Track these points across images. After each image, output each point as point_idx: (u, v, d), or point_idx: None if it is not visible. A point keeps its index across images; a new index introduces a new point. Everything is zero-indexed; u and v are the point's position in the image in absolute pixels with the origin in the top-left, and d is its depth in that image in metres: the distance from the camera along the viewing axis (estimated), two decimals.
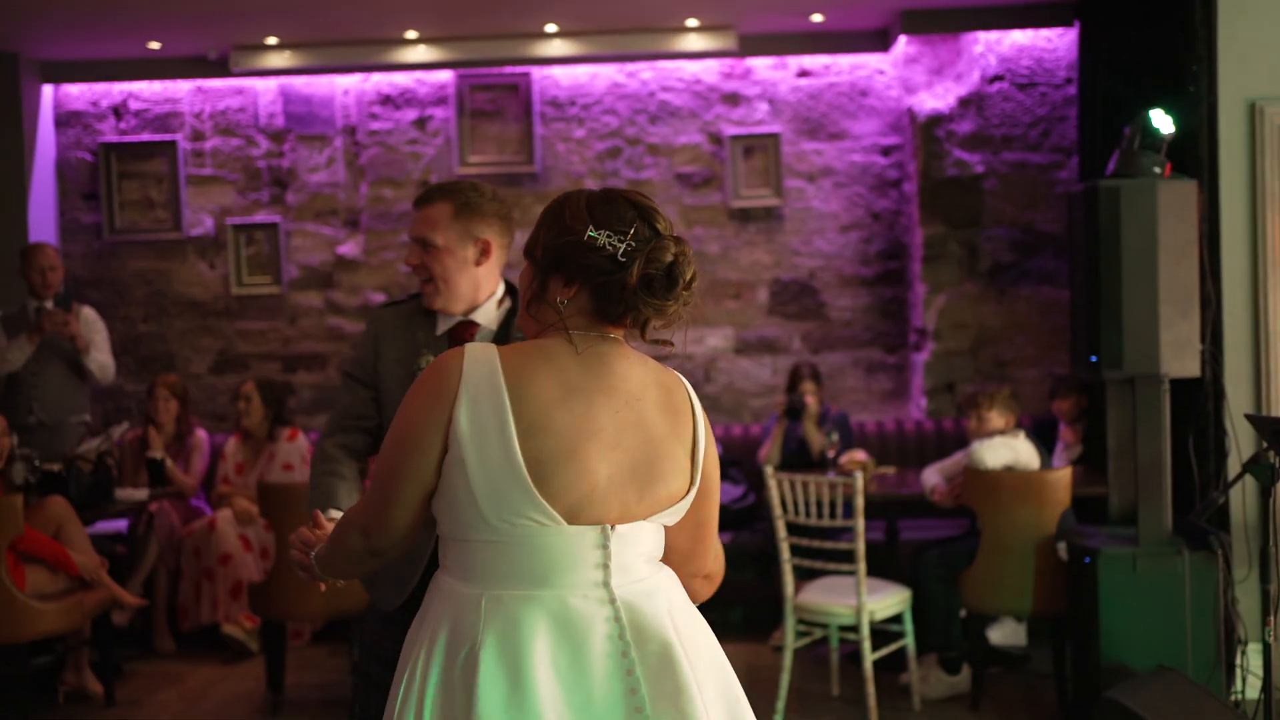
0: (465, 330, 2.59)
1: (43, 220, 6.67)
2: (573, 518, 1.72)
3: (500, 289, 2.63)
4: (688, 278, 1.77)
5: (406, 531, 1.79)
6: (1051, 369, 6.29)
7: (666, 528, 1.86)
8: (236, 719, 4.77)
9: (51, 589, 4.76)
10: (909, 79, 6.47)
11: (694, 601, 1.95)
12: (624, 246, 1.74)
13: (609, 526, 1.74)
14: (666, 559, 1.88)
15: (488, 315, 2.61)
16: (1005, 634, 5.41)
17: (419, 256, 2.56)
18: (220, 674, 5.33)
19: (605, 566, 1.73)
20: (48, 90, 6.77)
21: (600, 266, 1.75)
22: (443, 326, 2.60)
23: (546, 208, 1.86)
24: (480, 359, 1.74)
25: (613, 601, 1.73)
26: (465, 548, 1.75)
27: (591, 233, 1.75)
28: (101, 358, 5.73)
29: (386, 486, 1.77)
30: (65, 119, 6.84)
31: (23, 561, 4.70)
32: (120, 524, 5.77)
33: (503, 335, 2.59)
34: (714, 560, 2.01)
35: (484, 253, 2.57)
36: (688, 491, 1.82)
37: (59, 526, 4.89)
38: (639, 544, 1.78)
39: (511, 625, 1.69)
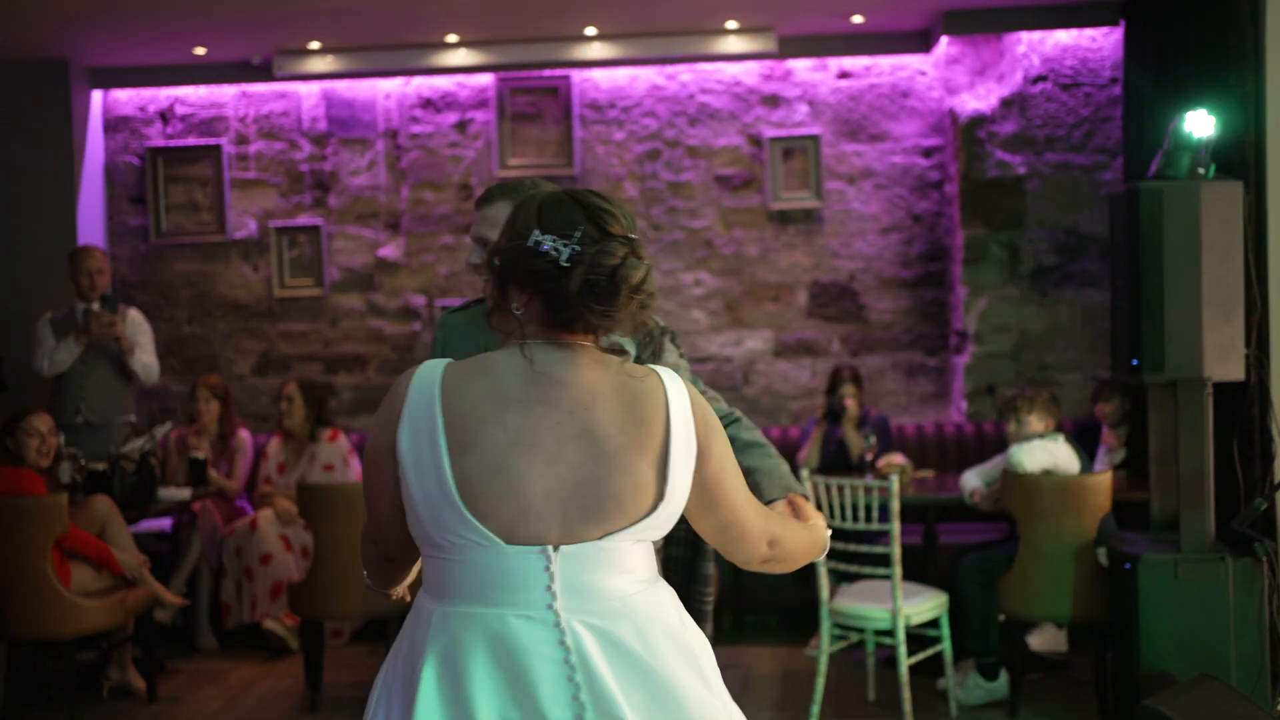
0: None
1: (91, 223, 6.78)
2: (509, 537, 1.66)
3: None
4: (634, 281, 1.69)
5: (405, 538, 1.78)
6: (1095, 373, 6.21)
7: (709, 539, 1.82)
8: (275, 716, 4.82)
9: (96, 586, 4.83)
10: (951, 80, 6.41)
11: (774, 571, 1.93)
12: (568, 251, 1.67)
13: (551, 547, 1.66)
14: (728, 556, 1.86)
15: None
16: (1046, 640, 5.35)
17: (482, 257, 2.51)
18: (260, 672, 5.38)
19: (550, 589, 1.66)
20: (97, 96, 6.88)
21: (545, 272, 1.68)
22: None
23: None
24: (425, 377, 1.70)
25: (557, 625, 1.65)
26: (426, 562, 1.74)
27: (537, 237, 1.69)
28: (146, 359, 5.81)
29: (368, 503, 1.79)
30: (114, 124, 6.95)
31: (68, 559, 4.78)
32: (164, 523, 5.85)
33: None
34: (769, 546, 1.88)
35: None
36: (654, 507, 1.71)
37: (103, 525, 4.97)
38: (602, 565, 1.68)
39: (453, 642, 1.65)
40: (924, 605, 4.50)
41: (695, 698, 1.69)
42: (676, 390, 1.76)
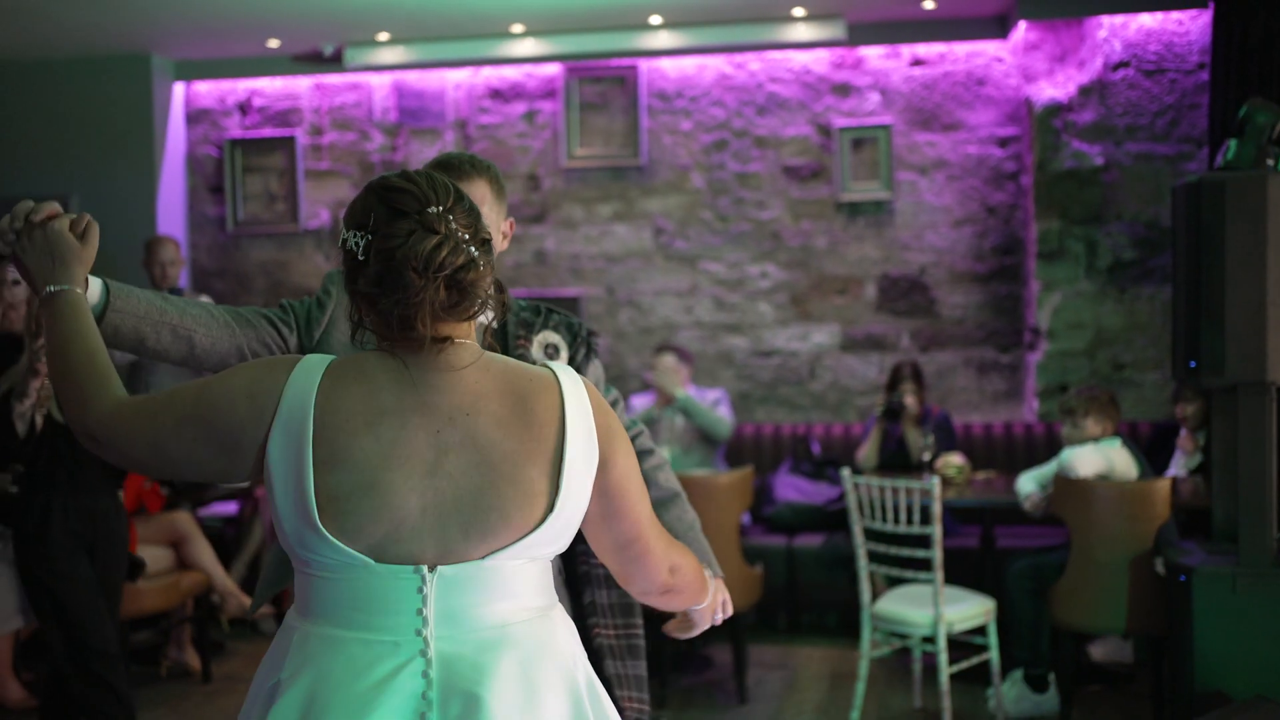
0: None
1: (172, 213, 6.97)
2: (380, 556, 1.51)
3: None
4: (418, 260, 1.49)
5: (155, 468, 1.61)
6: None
7: (602, 557, 1.69)
8: None
9: (153, 569, 4.95)
10: (1029, 67, 6.18)
11: (667, 605, 1.80)
12: (363, 242, 1.53)
13: (425, 568, 1.52)
14: (623, 584, 1.72)
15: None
16: (1110, 650, 5.13)
17: None
18: None
19: (421, 614, 1.51)
20: (179, 89, 7.06)
21: (353, 270, 1.55)
22: None
23: None
24: (303, 378, 1.54)
25: (424, 654, 1.51)
26: (294, 576, 1.61)
27: (344, 234, 1.56)
28: None
29: (169, 408, 1.57)
30: (195, 115, 7.12)
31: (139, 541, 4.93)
32: (230, 507, 5.98)
33: (500, 328, 2.34)
34: (670, 573, 1.74)
35: (505, 235, 2.33)
36: (544, 519, 1.55)
37: (182, 539, 5.11)
38: (482, 588, 1.54)
39: (310, 665, 1.52)
40: (969, 612, 4.34)
41: None
42: (573, 389, 1.61)
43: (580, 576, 2.42)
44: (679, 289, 6.67)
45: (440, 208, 1.54)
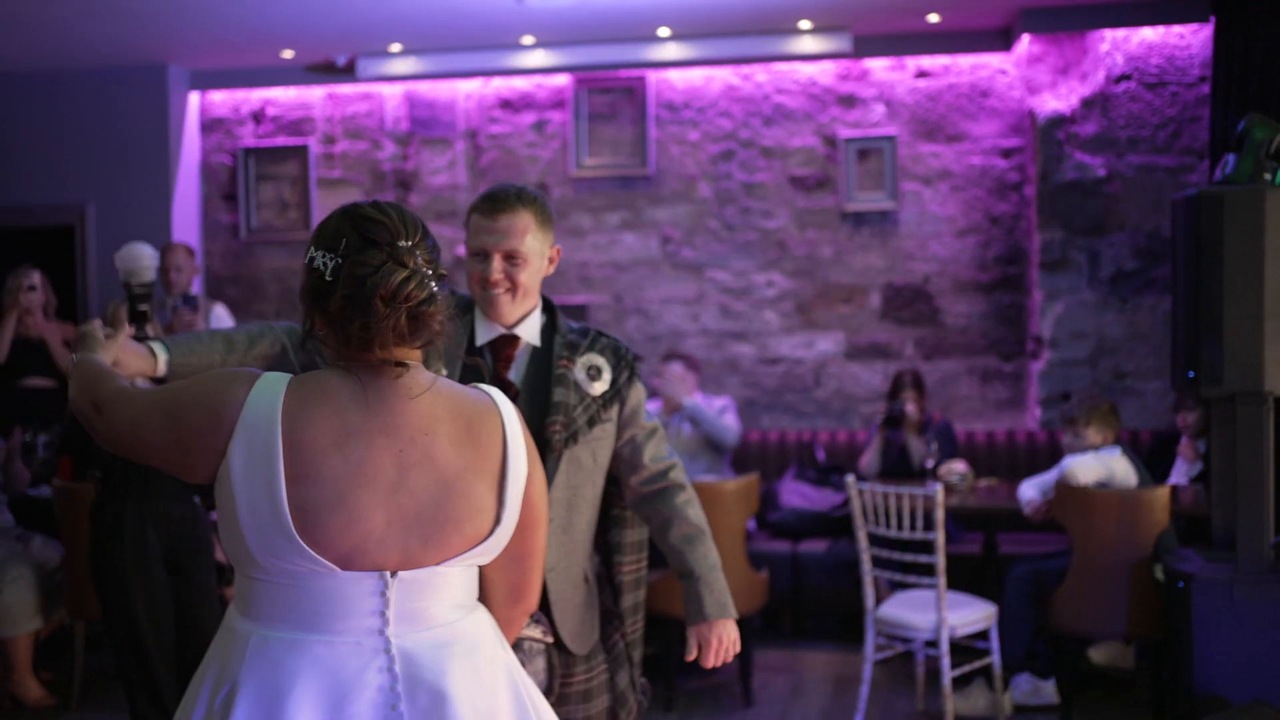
0: (510, 345, 2.43)
1: (186, 220, 7.06)
2: (347, 565, 1.61)
3: (540, 301, 2.49)
4: (387, 291, 1.58)
5: (145, 455, 1.71)
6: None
7: (484, 566, 1.78)
8: None
9: None
10: (1032, 79, 6.26)
11: (510, 638, 1.86)
12: (332, 264, 1.61)
13: (388, 574, 1.62)
14: (489, 597, 1.81)
15: (532, 328, 2.45)
16: (1111, 655, 5.20)
17: (502, 270, 2.36)
18: None
19: (383, 614, 1.62)
20: (194, 98, 7.15)
21: (318, 289, 1.63)
22: (485, 336, 2.43)
23: None
24: (266, 394, 1.62)
25: (388, 651, 1.62)
26: (244, 581, 1.67)
27: (311, 253, 1.65)
28: None
29: (152, 395, 1.70)
30: (210, 124, 7.22)
31: None
32: None
33: (545, 350, 2.45)
34: (535, 594, 1.90)
35: (551, 261, 2.45)
36: (492, 530, 1.69)
37: None
38: (434, 591, 1.66)
39: (273, 668, 1.59)
40: (971, 616, 4.42)
41: None
42: (509, 411, 1.74)
43: (618, 585, 2.56)
44: (686, 297, 6.75)
45: (410, 242, 1.63)
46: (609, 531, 2.56)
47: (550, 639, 2.39)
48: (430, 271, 1.64)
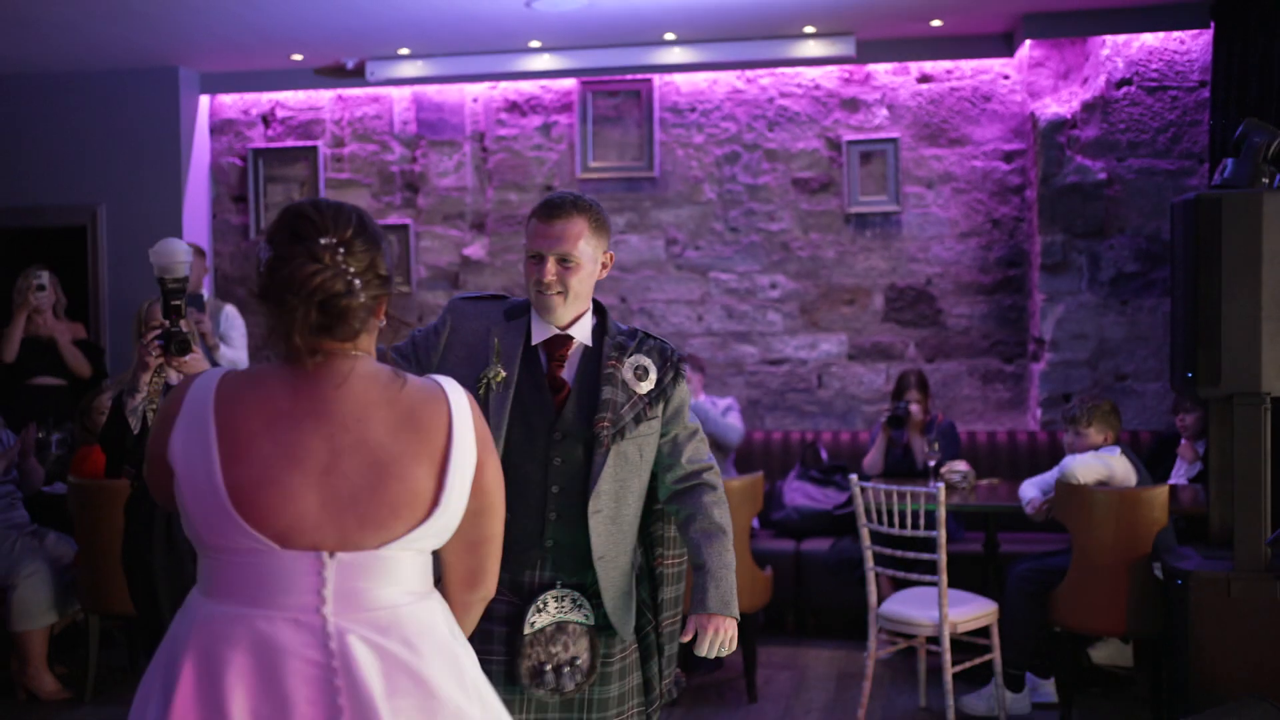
0: (563, 344, 2.55)
1: (197, 221, 7.14)
2: (285, 543, 1.68)
3: (592, 304, 2.61)
4: (295, 284, 1.66)
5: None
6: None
7: (442, 552, 1.83)
8: None
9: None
10: (1034, 83, 6.33)
11: (468, 623, 1.89)
12: (266, 257, 1.72)
13: (325, 554, 1.69)
14: (447, 582, 1.86)
15: (584, 329, 2.57)
16: (1110, 653, 5.27)
17: (555, 273, 2.48)
18: None
19: (320, 593, 1.68)
20: (204, 100, 7.23)
21: (255, 279, 1.74)
22: (540, 336, 2.55)
23: None
24: (201, 386, 1.73)
25: (324, 629, 1.67)
26: (201, 561, 1.75)
27: (260, 247, 1.75)
28: (232, 353, 6.07)
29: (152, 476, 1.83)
30: (219, 126, 7.29)
31: None
32: None
33: (595, 350, 2.57)
34: (493, 580, 1.93)
35: (604, 266, 2.57)
36: (429, 513, 1.74)
37: None
38: (378, 574, 1.71)
39: (215, 641, 1.67)
40: (973, 614, 4.49)
41: (461, 712, 1.71)
42: (459, 400, 1.80)
43: (658, 576, 2.66)
44: (690, 298, 6.82)
45: (334, 239, 1.70)
46: (654, 524, 2.67)
47: (591, 622, 2.50)
48: (350, 269, 1.70)
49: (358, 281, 1.71)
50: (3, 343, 6.09)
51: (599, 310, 2.62)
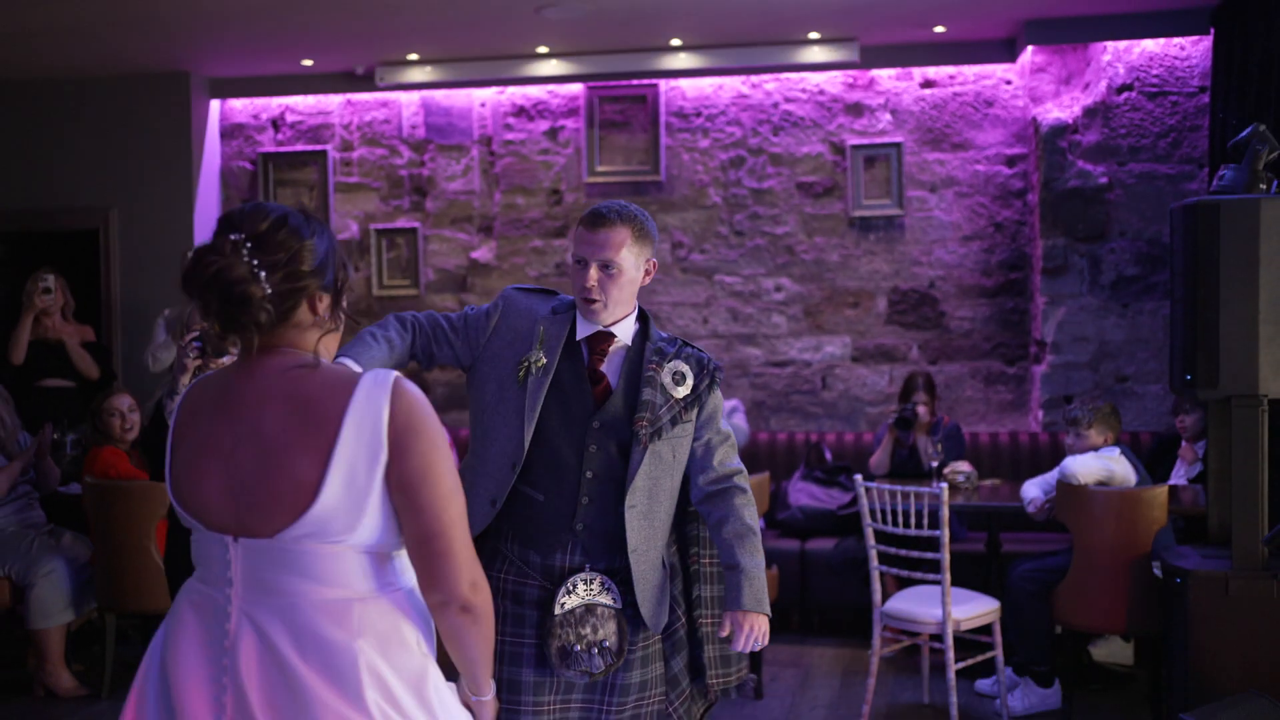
0: (605, 340, 2.66)
1: (208, 225, 7.22)
2: (205, 524, 1.83)
3: (636, 309, 2.72)
4: (204, 278, 1.75)
5: None
6: None
7: (407, 548, 1.82)
8: None
9: None
10: (1036, 89, 6.41)
11: (455, 636, 1.83)
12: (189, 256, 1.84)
13: (230, 538, 1.79)
14: (418, 580, 1.84)
15: (626, 330, 2.68)
16: (1111, 651, 5.34)
17: (597, 278, 2.60)
18: None
19: (228, 577, 1.79)
20: (214, 105, 7.31)
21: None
22: (583, 332, 2.66)
23: None
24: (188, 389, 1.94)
25: (227, 610, 1.79)
26: None
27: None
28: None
29: None
30: (229, 131, 7.38)
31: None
32: None
33: (637, 351, 2.67)
34: (471, 588, 1.81)
35: (647, 274, 2.68)
36: (312, 503, 1.75)
37: None
38: (287, 566, 1.76)
39: (175, 610, 1.86)
40: (976, 611, 4.56)
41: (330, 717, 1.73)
42: (372, 390, 1.78)
43: (691, 573, 2.78)
44: (696, 301, 6.90)
45: (242, 235, 1.77)
46: (689, 525, 2.80)
47: (619, 606, 2.61)
48: (256, 261, 1.75)
49: (263, 272, 1.76)
50: (10, 345, 6.17)
51: (642, 316, 2.74)
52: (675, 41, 6.50)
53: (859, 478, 4.67)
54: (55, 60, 6.77)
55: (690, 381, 2.67)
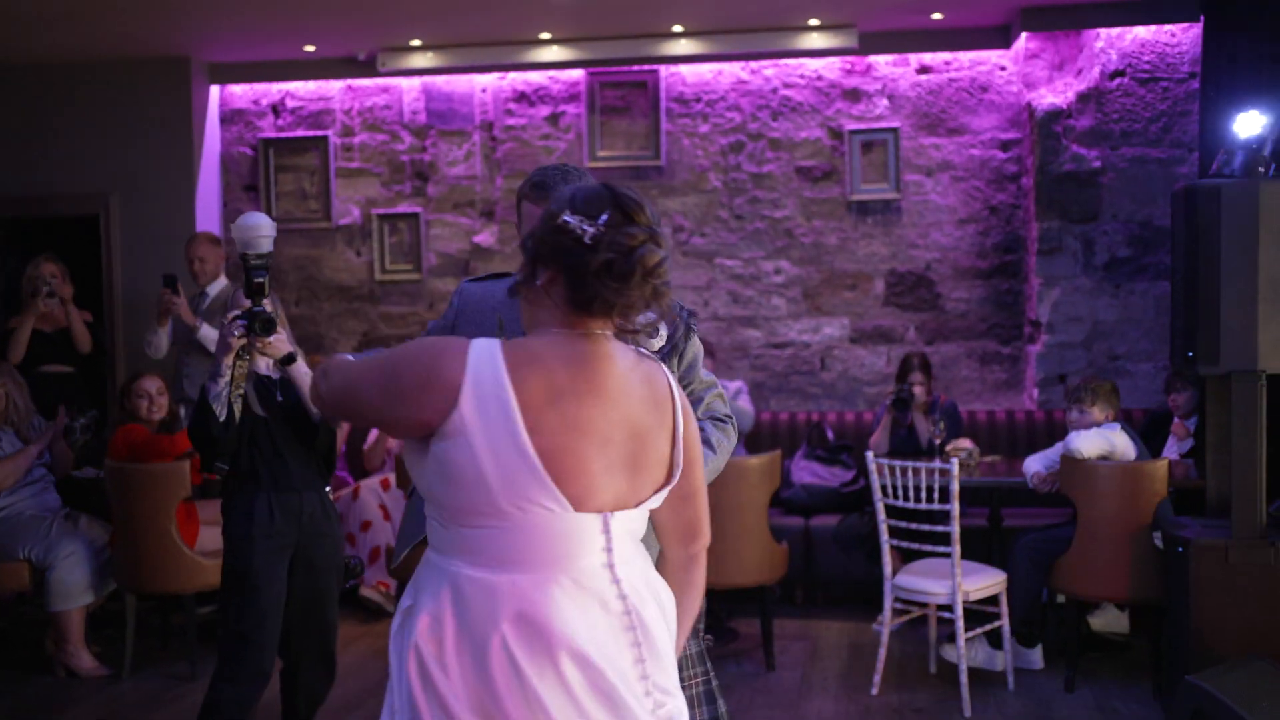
0: None
1: (209, 210, 7.26)
2: (578, 506, 1.80)
3: None
4: (649, 265, 1.80)
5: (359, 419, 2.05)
6: (1166, 363, 6.33)
7: (661, 510, 1.97)
8: (373, 672, 5.21)
9: (216, 546, 5.26)
10: (1030, 75, 6.55)
11: (701, 583, 2.04)
12: (592, 231, 1.79)
13: (609, 514, 1.84)
14: (667, 537, 2.01)
15: None
16: (1108, 621, 5.51)
17: None
18: (359, 631, 5.79)
19: (608, 550, 1.84)
20: (215, 90, 7.34)
21: (570, 249, 1.80)
22: None
23: None
24: (485, 354, 1.80)
25: (615, 583, 1.84)
26: (476, 533, 1.81)
27: (565, 217, 1.81)
28: (210, 331, 5.91)
29: (365, 373, 1.89)
30: (229, 116, 7.41)
31: (201, 523, 5.22)
32: None
33: None
34: (708, 530, 2.05)
35: None
36: (668, 478, 1.91)
37: None
38: (639, 529, 1.91)
39: (529, 605, 1.79)
40: (983, 583, 4.71)
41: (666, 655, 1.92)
42: (667, 373, 1.96)
43: None
44: (697, 284, 7.01)
45: (657, 228, 1.87)
46: None
47: None
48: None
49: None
50: (10, 344, 6.18)
51: None
52: (676, 28, 6.59)
53: (870, 454, 4.80)
54: (55, 45, 6.78)
55: (664, 331, 2.59)
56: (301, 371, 3.72)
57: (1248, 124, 4.25)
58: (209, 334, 5.97)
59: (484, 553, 1.79)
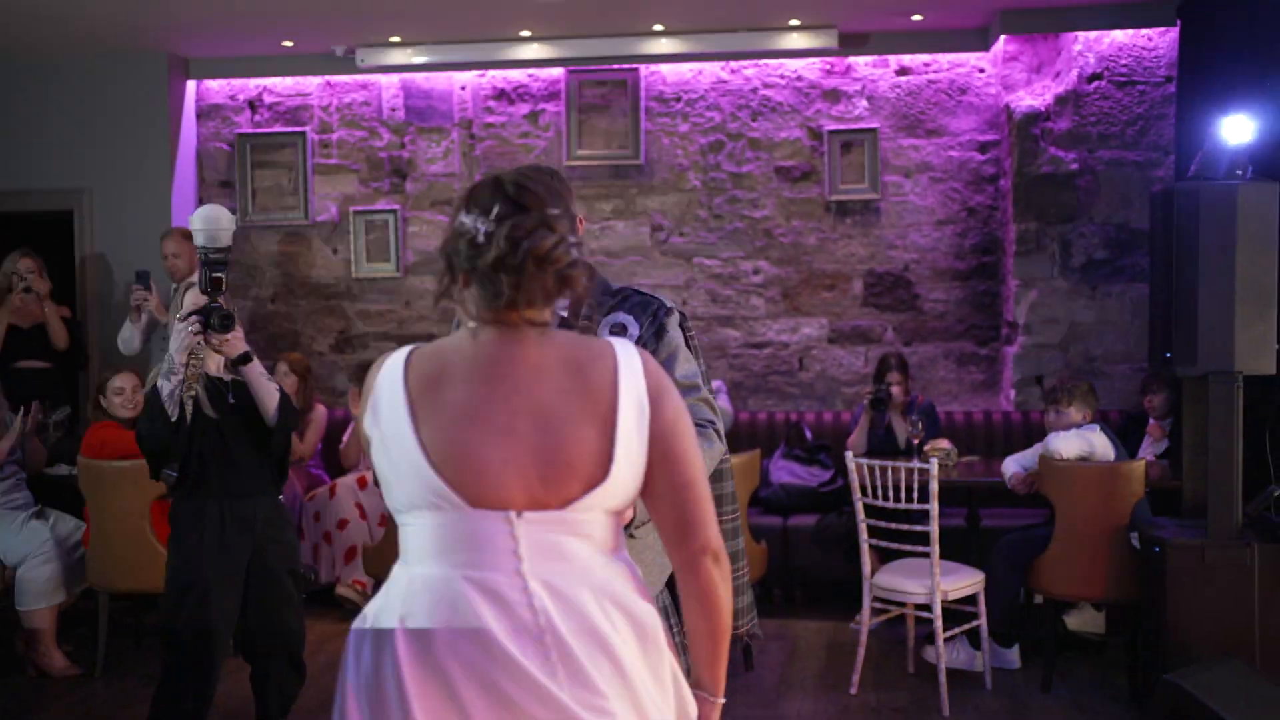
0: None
1: (184, 207, 7.19)
2: (475, 502, 1.72)
3: None
4: (541, 253, 1.70)
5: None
6: (1142, 365, 6.37)
7: (654, 509, 1.84)
8: None
9: None
10: (1008, 77, 6.58)
11: (710, 591, 1.83)
12: (484, 228, 1.72)
13: (514, 513, 1.72)
14: (665, 539, 1.85)
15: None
16: (1084, 620, 5.54)
17: None
18: (336, 630, 5.75)
19: (516, 553, 1.72)
20: (191, 85, 7.28)
21: (467, 252, 1.73)
22: None
23: None
24: (392, 364, 1.80)
25: (521, 583, 1.72)
26: (404, 530, 1.81)
27: (462, 217, 1.75)
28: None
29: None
30: (206, 112, 7.35)
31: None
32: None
33: (574, 314, 2.54)
34: (718, 536, 1.85)
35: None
36: (608, 472, 1.74)
37: None
38: (568, 531, 1.75)
39: (439, 601, 1.73)
40: (961, 583, 4.72)
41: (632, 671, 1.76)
42: (627, 356, 1.80)
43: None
44: (675, 283, 7.00)
45: (557, 210, 1.77)
46: None
47: None
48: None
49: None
50: None
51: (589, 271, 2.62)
52: (656, 26, 6.59)
53: (850, 454, 4.80)
54: (30, 39, 6.71)
55: (632, 331, 2.51)
56: (257, 372, 3.66)
57: (1236, 129, 4.26)
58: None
59: (407, 549, 1.80)
